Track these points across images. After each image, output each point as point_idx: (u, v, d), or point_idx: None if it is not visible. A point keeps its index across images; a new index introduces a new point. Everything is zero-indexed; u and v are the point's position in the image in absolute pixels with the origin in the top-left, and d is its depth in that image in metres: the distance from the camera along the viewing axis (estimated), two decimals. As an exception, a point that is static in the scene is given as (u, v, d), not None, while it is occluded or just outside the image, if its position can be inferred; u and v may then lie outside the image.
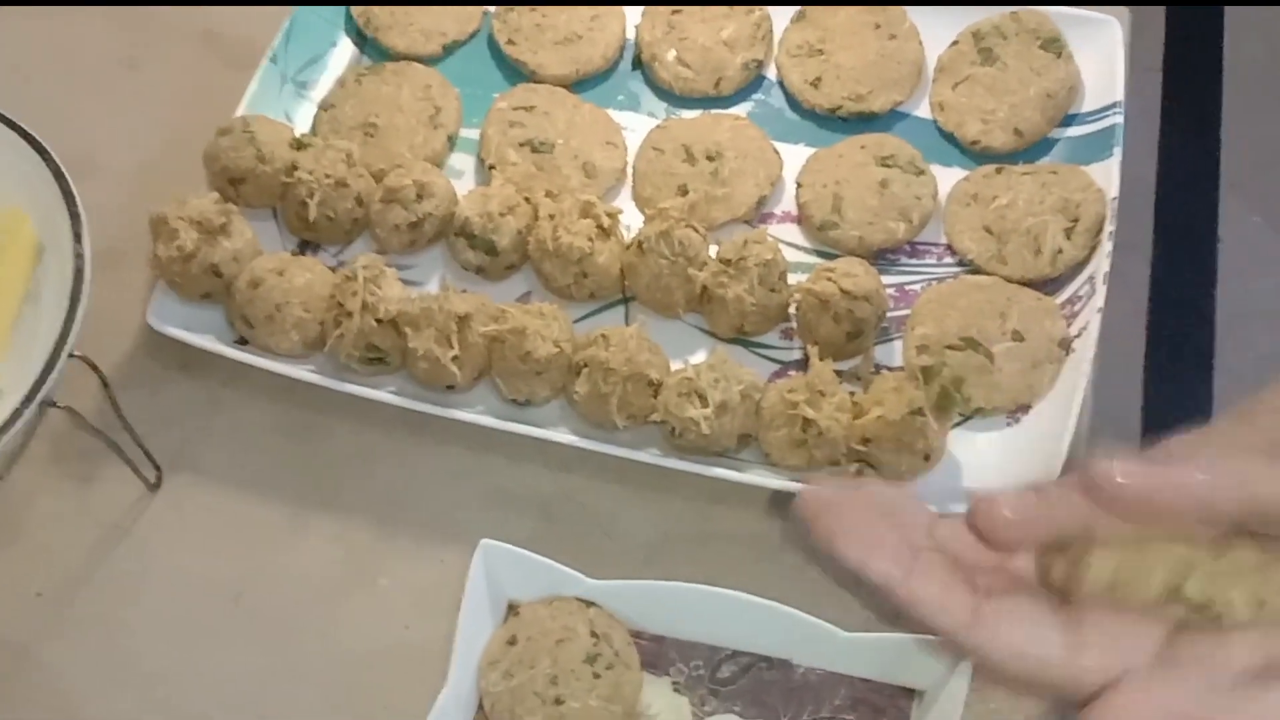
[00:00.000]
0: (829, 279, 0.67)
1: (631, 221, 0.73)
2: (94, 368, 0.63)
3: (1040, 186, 0.73)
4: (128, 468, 0.68)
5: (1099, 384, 0.69)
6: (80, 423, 0.63)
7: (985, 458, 0.67)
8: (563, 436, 0.67)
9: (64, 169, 0.62)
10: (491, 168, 0.75)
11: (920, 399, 0.62)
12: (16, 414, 0.57)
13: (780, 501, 0.66)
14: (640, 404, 0.65)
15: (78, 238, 0.61)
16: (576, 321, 0.70)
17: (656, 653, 0.63)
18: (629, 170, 0.76)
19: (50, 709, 0.64)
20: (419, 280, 0.73)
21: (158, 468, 0.69)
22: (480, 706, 0.61)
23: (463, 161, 0.78)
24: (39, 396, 0.57)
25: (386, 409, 0.68)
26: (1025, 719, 0.62)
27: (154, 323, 0.69)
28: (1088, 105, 0.77)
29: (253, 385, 0.71)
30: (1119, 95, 0.76)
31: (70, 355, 0.59)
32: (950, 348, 0.68)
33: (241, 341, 0.70)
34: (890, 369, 0.69)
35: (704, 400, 0.64)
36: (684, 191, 0.73)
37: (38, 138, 0.63)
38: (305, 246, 0.74)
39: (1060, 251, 0.71)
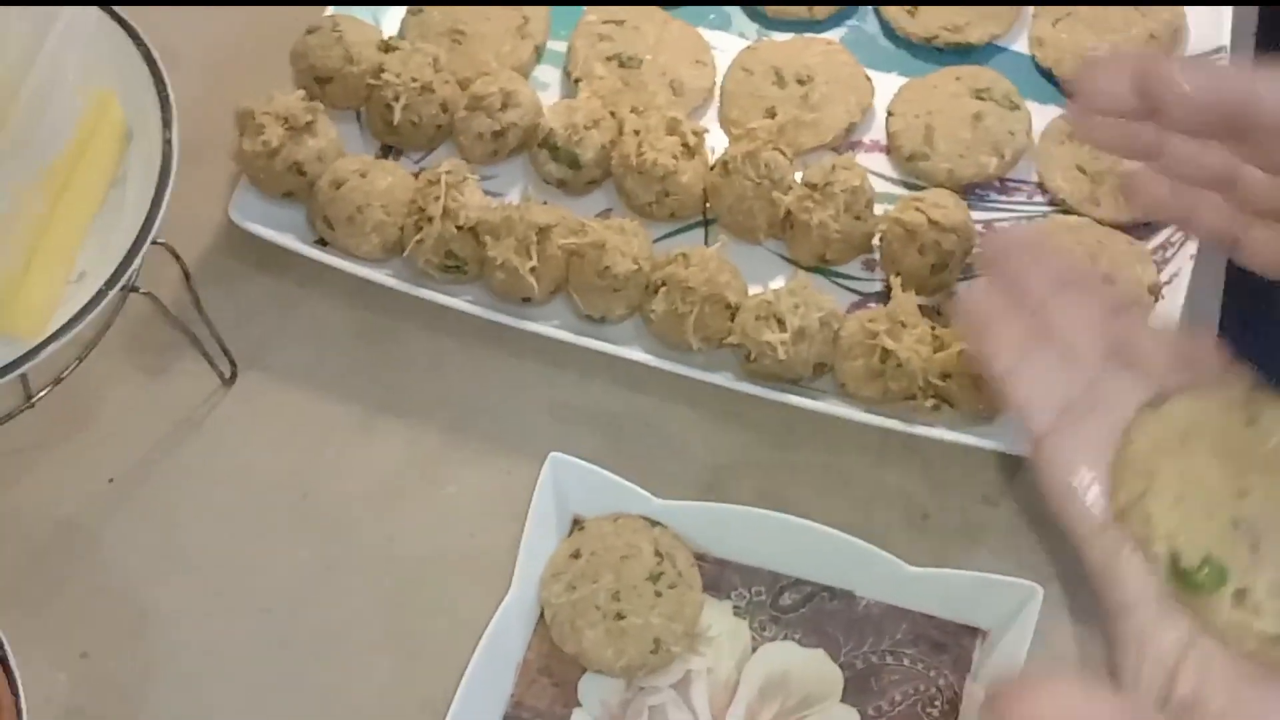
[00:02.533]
0: (917, 209, 0.66)
1: (716, 143, 0.72)
2: (176, 257, 0.63)
3: None
4: (204, 361, 0.68)
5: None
6: (159, 313, 0.63)
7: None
8: (636, 355, 0.66)
9: (155, 54, 0.62)
10: (578, 81, 0.74)
11: (1005, 335, 0.61)
12: (99, 295, 0.57)
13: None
14: (716, 326, 0.65)
15: (166, 124, 0.61)
16: (656, 240, 0.69)
17: (719, 576, 0.63)
18: (717, 90, 0.75)
19: (114, 591, 0.64)
20: (500, 191, 0.72)
21: (233, 363, 0.69)
22: (541, 617, 0.62)
23: (548, 74, 0.77)
24: (122, 280, 0.57)
25: (461, 318, 0.68)
26: (1087, 662, 0.62)
27: (235, 217, 0.69)
28: (1192, 48, 0.75)
29: (330, 286, 0.71)
30: (1225, 40, 0.74)
31: (154, 242, 0.59)
32: (1036, 288, 0.66)
33: (321, 242, 0.70)
34: (973, 305, 0.68)
35: (782, 325, 0.63)
36: (772, 114, 0.72)
37: (130, 22, 0.63)
38: (387, 151, 0.74)
39: None
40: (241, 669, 0.63)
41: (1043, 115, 0.73)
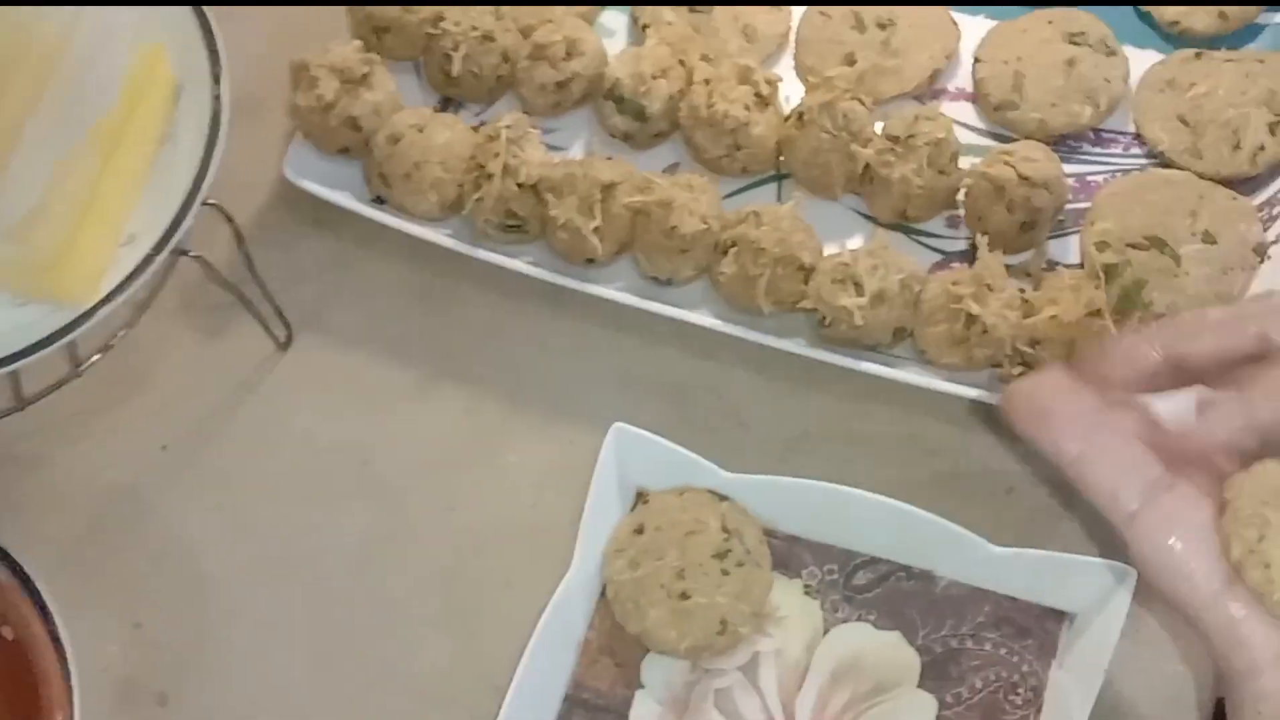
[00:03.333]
0: (1006, 163, 0.62)
1: (792, 92, 0.68)
2: (228, 218, 0.60)
3: (1244, 76, 0.67)
4: (258, 324, 0.66)
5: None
6: (212, 275, 0.61)
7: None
8: (704, 319, 0.63)
9: (204, 6, 0.60)
10: (645, 27, 0.70)
11: (1100, 299, 0.57)
12: (148, 260, 0.55)
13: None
14: (790, 289, 0.61)
15: (216, 78, 0.58)
16: (726, 197, 0.66)
17: (789, 553, 0.60)
18: (792, 36, 0.71)
19: (168, 559, 0.63)
20: (563, 145, 0.70)
21: (288, 326, 0.67)
22: (603, 594, 0.59)
23: (615, 20, 0.73)
24: (172, 243, 0.55)
25: (522, 280, 0.65)
26: (1185, 651, 0.58)
27: (290, 175, 0.67)
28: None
29: (387, 247, 0.69)
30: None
31: (205, 203, 0.57)
32: (1133, 246, 0.63)
33: (378, 200, 0.68)
34: (1065, 266, 0.64)
35: (860, 288, 0.59)
36: (850, 61, 0.68)
37: (177, -27, 0.60)
38: (447, 104, 0.71)
39: (1262, 148, 0.66)
40: (297, 640, 0.62)
41: (1140, 61, 0.69)
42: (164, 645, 0.61)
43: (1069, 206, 0.65)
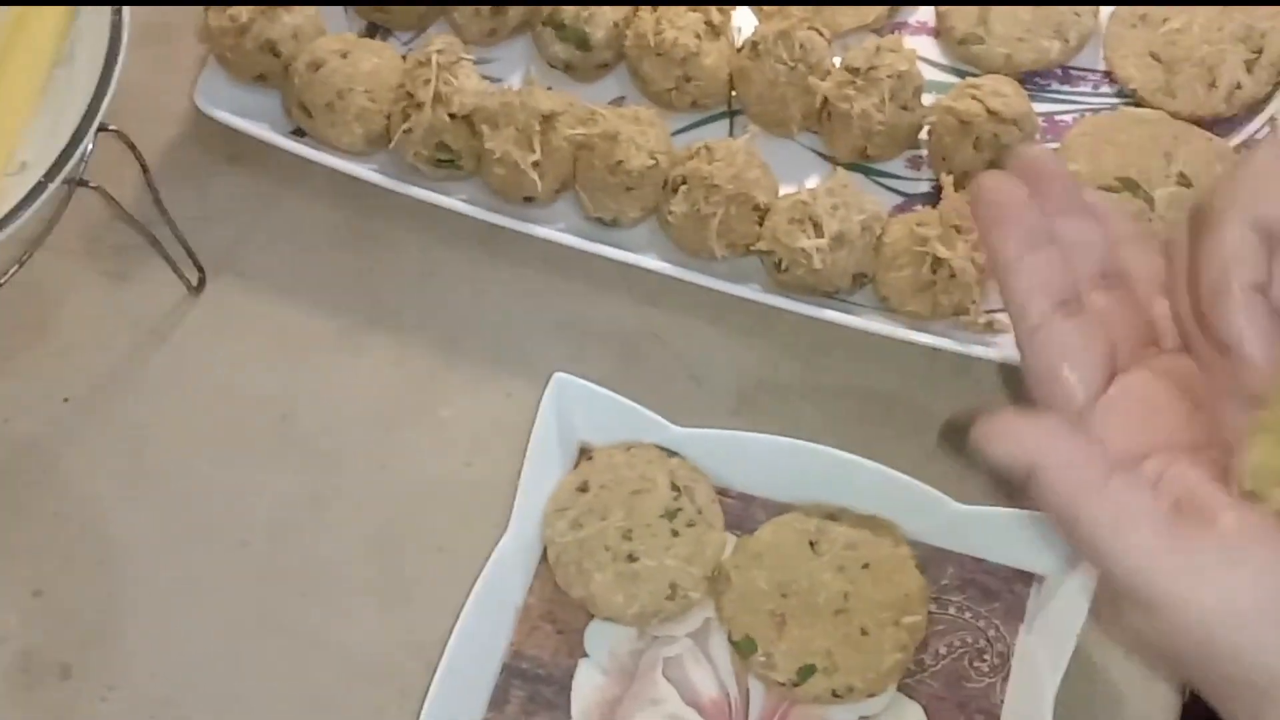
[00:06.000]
0: (974, 97, 0.59)
1: (744, 22, 0.65)
2: (131, 146, 0.57)
3: (1220, 11, 0.65)
4: (168, 267, 0.62)
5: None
6: (116, 212, 0.57)
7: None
8: (652, 263, 0.60)
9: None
10: (589, -50, 0.66)
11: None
12: (39, 188, 0.51)
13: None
14: (744, 230, 0.58)
15: (115, -5, 0.53)
16: (675, 134, 0.63)
17: (743, 513, 0.57)
18: (745, -36, 0.68)
19: (71, 522, 0.59)
20: (499, 76, 0.66)
21: (200, 269, 0.63)
22: (544, 557, 0.55)
23: (555, -57, 0.69)
24: (65, 171, 0.51)
25: (456, 220, 0.62)
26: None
27: (202, 104, 0.63)
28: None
29: (309, 184, 0.65)
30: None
31: (104, 129, 0.52)
32: (1105, 189, 0.60)
33: (298, 133, 0.64)
34: (1034, 209, 0.61)
35: (818, 229, 0.56)
36: (808, -10, 0.65)
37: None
38: (374, 31, 0.68)
39: (1238, 87, 0.63)
40: (215, 608, 0.58)
41: (1112, -7, 0.67)
42: (67, 614, 0.58)
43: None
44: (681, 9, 0.61)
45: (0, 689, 0.55)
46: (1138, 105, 0.64)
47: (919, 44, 0.66)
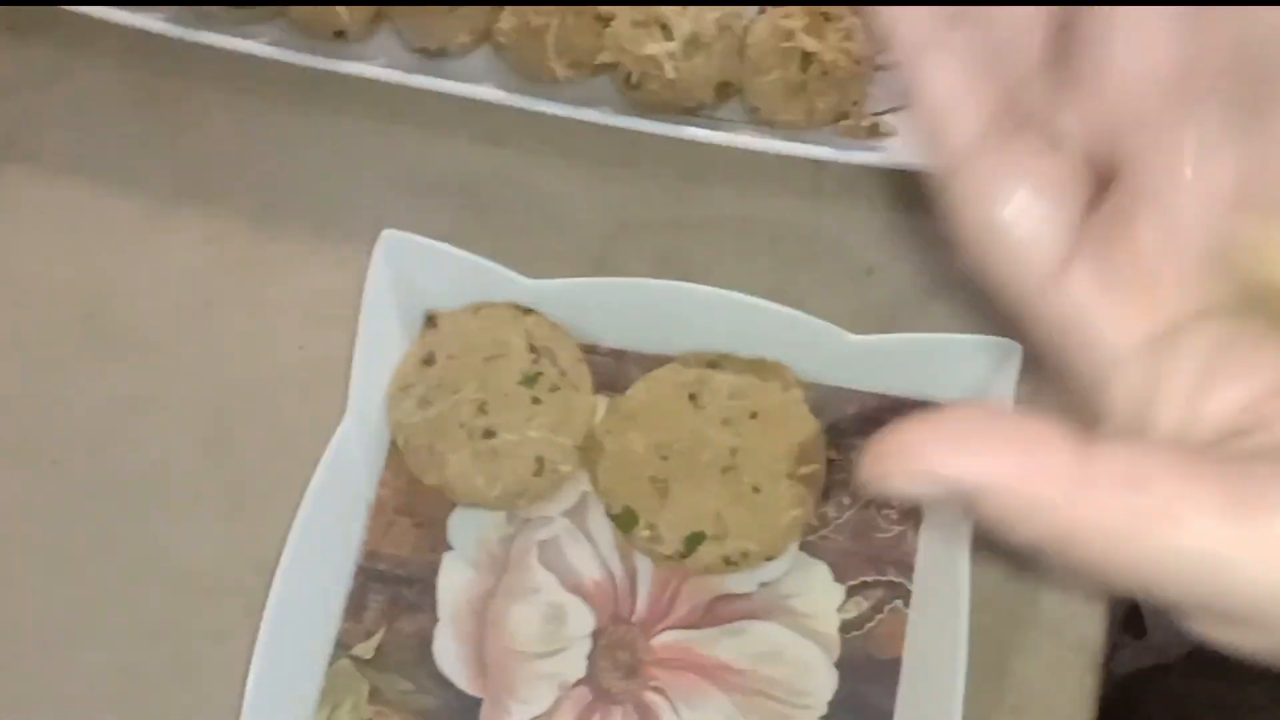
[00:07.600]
0: None
1: None
2: None
3: None
4: (-64, 153, 0.53)
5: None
6: None
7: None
8: (489, 93, 0.51)
9: None
10: None
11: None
12: None
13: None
14: (585, 43, 0.50)
15: None
16: (501, -58, 0.53)
17: (615, 370, 0.50)
18: None
19: None
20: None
21: (-23, 153, 0.54)
22: (393, 444, 0.48)
23: None
24: None
25: (264, 68, 0.53)
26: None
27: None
28: None
29: (99, 47, 0.56)
30: None
31: None
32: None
33: (76, -10, 0.54)
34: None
35: (668, 32, 0.48)
36: None
37: None
38: None
39: None
40: (27, 534, 0.50)
41: None
42: None
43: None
44: None
45: None
46: None
47: None
